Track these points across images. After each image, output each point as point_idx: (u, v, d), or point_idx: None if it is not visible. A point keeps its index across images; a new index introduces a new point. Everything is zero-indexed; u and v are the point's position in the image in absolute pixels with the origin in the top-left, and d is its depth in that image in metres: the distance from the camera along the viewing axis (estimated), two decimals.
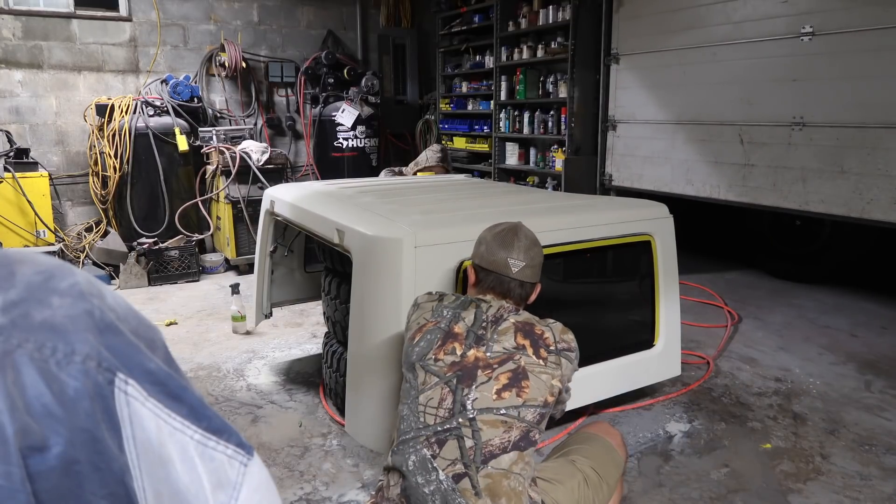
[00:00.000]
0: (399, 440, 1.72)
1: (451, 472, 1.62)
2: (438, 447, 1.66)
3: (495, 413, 1.66)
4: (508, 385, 1.69)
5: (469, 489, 1.59)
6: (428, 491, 1.61)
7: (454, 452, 1.64)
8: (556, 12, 5.85)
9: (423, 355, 1.79)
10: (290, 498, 2.39)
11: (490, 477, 1.61)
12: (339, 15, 7.37)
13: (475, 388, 1.70)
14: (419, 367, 1.78)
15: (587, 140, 5.81)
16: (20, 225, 5.18)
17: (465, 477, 1.61)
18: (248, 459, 0.53)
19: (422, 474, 1.64)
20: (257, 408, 3.13)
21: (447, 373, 1.74)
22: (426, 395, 1.73)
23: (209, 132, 6.01)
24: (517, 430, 1.66)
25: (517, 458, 1.64)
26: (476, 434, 1.65)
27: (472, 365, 1.73)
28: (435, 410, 1.71)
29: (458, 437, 1.65)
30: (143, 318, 0.53)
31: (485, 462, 1.62)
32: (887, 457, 2.63)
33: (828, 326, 4.11)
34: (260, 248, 3.54)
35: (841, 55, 3.94)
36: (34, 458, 0.41)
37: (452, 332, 1.80)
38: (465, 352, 1.76)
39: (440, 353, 1.77)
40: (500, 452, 1.63)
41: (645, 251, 2.88)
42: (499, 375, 1.70)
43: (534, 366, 1.72)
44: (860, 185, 3.93)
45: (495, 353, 1.74)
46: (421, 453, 1.66)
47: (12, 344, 0.43)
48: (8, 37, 5.74)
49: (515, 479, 1.62)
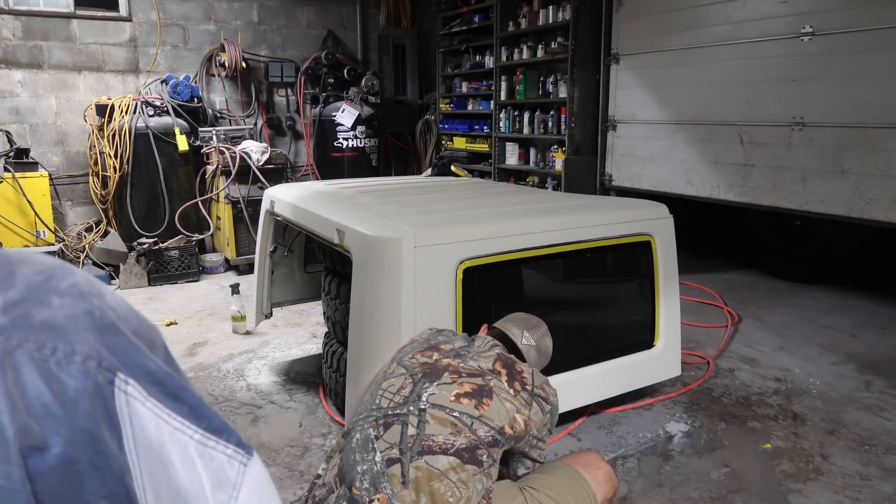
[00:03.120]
0: (349, 423, 1.74)
1: (387, 454, 1.60)
2: (384, 429, 1.64)
3: (448, 413, 1.63)
4: (470, 395, 1.66)
5: (397, 476, 1.56)
6: (360, 470, 1.59)
7: (395, 437, 1.62)
8: (556, 12, 5.85)
9: (403, 357, 1.84)
10: (290, 498, 2.39)
11: (420, 470, 1.56)
12: (339, 15, 7.37)
13: (436, 384, 1.70)
14: (396, 364, 1.82)
15: (587, 140, 5.81)
16: (20, 225, 5.18)
17: (398, 463, 1.58)
18: (247, 459, 0.53)
19: (360, 452, 1.63)
20: (257, 408, 3.13)
21: (416, 368, 1.76)
22: (388, 382, 1.76)
23: (209, 132, 6.01)
24: (464, 438, 1.60)
25: (456, 465, 1.57)
26: (421, 425, 1.63)
27: (441, 367, 1.75)
28: (392, 396, 1.71)
29: (403, 423, 1.64)
30: (143, 318, 0.53)
31: (420, 454, 1.58)
32: (887, 457, 2.63)
33: (828, 326, 4.11)
34: (260, 248, 3.54)
35: (841, 55, 3.94)
36: (34, 458, 0.41)
37: (437, 346, 1.85)
38: (441, 358, 1.79)
39: (418, 354, 1.82)
40: (440, 452, 1.58)
41: (645, 251, 2.88)
42: (463, 382, 1.69)
43: (502, 391, 1.70)
44: (860, 185, 3.93)
45: (469, 366, 1.75)
46: (366, 432, 1.66)
47: (12, 344, 0.43)
48: (8, 37, 5.74)
49: (447, 487, 1.54)
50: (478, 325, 2.41)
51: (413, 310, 2.24)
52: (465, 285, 2.33)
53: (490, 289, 2.53)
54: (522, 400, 1.72)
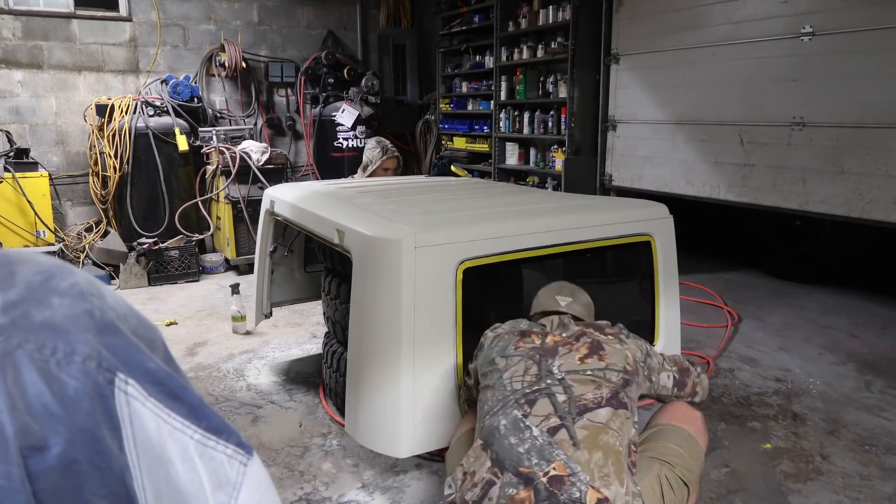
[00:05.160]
0: (484, 419, 1.76)
1: (545, 426, 1.64)
2: (529, 406, 1.70)
3: (582, 374, 1.76)
4: (589, 354, 1.82)
5: (566, 440, 1.60)
6: (523, 450, 1.61)
7: (546, 408, 1.68)
8: (556, 12, 5.85)
9: (503, 349, 1.93)
10: (290, 498, 2.39)
11: (587, 429, 1.62)
12: (339, 15, 7.37)
13: (558, 357, 1.82)
14: (499, 358, 1.91)
15: (587, 140, 5.81)
16: (20, 225, 5.18)
17: (562, 428, 1.63)
18: (247, 459, 0.53)
19: (514, 434, 1.65)
20: (257, 408, 3.13)
21: (529, 352, 1.87)
22: (510, 371, 1.83)
23: (209, 132, 6.01)
24: (607, 389, 1.72)
25: (612, 414, 1.66)
26: (568, 389, 1.71)
27: (552, 346, 1.87)
28: (521, 378, 1.79)
29: (548, 395, 1.71)
30: (143, 318, 0.53)
31: (580, 414, 1.65)
32: (887, 457, 2.63)
33: (828, 326, 4.11)
34: (260, 248, 3.54)
35: (841, 55, 3.94)
36: (34, 458, 0.41)
37: (529, 334, 1.96)
38: (543, 340, 1.91)
39: (519, 343, 1.92)
40: (595, 406, 1.67)
41: (645, 251, 2.87)
42: (578, 347, 1.84)
43: (604, 341, 1.87)
44: (860, 186, 3.93)
45: (570, 333, 1.92)
46: (511, 415, 1.69)
47: (12, 344, 0.43)
48: (8, 37, 5.74)
49: (613, 436, 1.62)
50: (478, 325, 2.42)
51: (413, 310, 2.24)
52: (466, 285, 2.33)
53: (490, 289, 2.53)
54: (620, 339, 1.90)
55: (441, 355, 2.32)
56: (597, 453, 1.58)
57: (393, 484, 2.48)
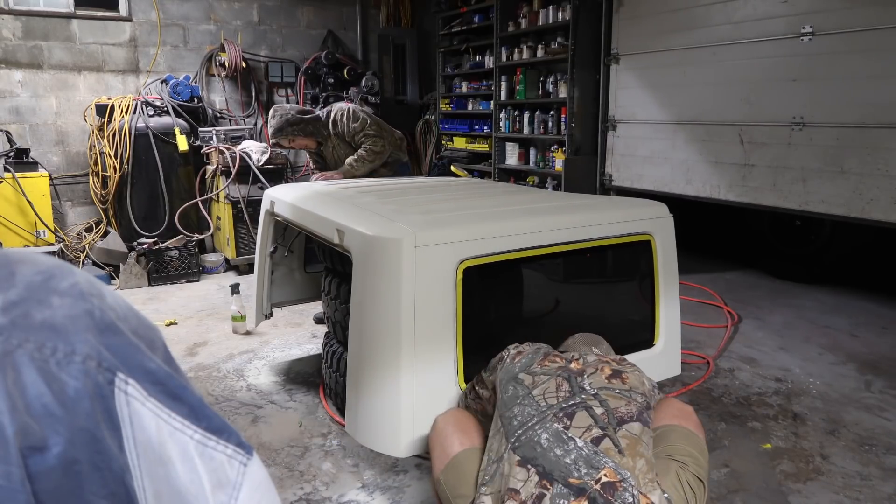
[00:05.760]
0: (517, 435, 1.75)
1: (587, 437, 1.67)
2: (568, 420, 1.73)
3: (612, 391, 1.81)
4: (612, 376, 1.88)
5: (612, 448, 1.65)
6: (570, 460, 1.63)
7: (586, 420, 1.72)
8: (556, 12, 5.85)
9: (527, 366, 1.95)
10: (290, 498, 2.39)
11: (627, 438, 1.68)
12: (339, 15, 7.37)
13: (587, 375, 1.87)
14: (524, 374, 1.92)
15: (587, 140, 5.81)
16: (20, 225, 5.18)
17: (605, 438, 1.67)
18: (247, 459, 0.53)
19: (559, 446, 1.67)
20: (257, 408, 3.13)
21: (557, 371, 1.90)
22: (540, 388, 1.85)
23: (209, 132, 6.01)
24: (634, 407, 1.77)
25: (642, 430, 1.72)
26: (604, 402, 1.77)
27: (578, 365, 1.93)
28: (554, 394, 1.82)
29: (585, 408, 1.75)
30: (143, 318, 0.53)
31: (619, 424, 1.71)
32: (887, 457, 2.63)
33: (828, 326, 4.11)
34: (260, 248, 3.54)
35: (841, 55, 3.94)
36: (34, 458, 0.41)
37: (549, 354, 2.01)
38: (570, 360, 1.96)
39: (545, 362, 1.96)
40: (629, 420, 1.73)
41: (645, 251, 2.87)
42: (603, 367, 1.91)
43: (621, 368, 1.93)
44: (860, 185, 3.93)
45: (589, 361, 1.96)
46: (552, 428, 1.71)
47: (12, 344, 0.43)
48: (8, 37, 5.74)
49: (645, 448, 1.68)
50: (478, 325, 2.42)
51: (413, 310, 2.24)
52: (466, 285, 2.33)
53: (490, 289, 2.53)
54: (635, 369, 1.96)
55: (441, 355, 2.32)
56: (640, 461, 1.63)
57: (393, 484, 2.48)
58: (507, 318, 2.67)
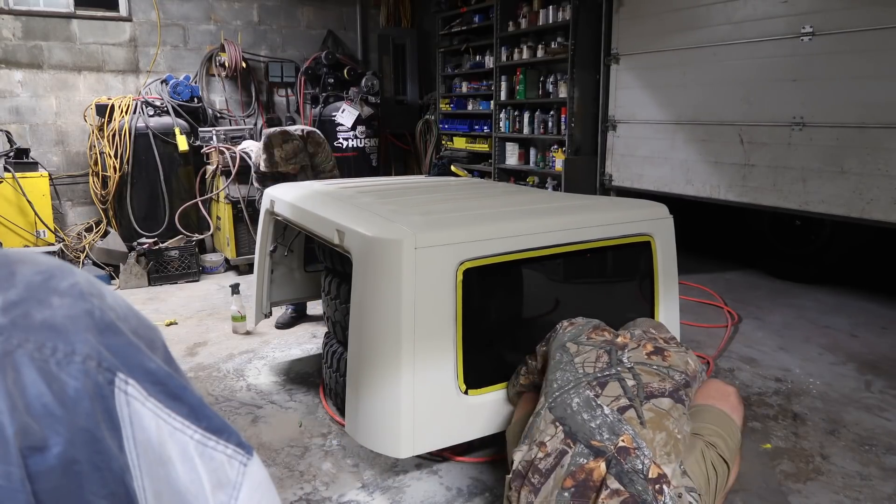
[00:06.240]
0: (555, 396, 1.95)
1: (615, 406, 1.84)
2: (600, 388, 1.91)
3: (649, 367, 1.96)
4: (654, 353, 2.02)
5: (634, 418, 1.80)
6: (595, 425, 1.81)
7: (616, 390, 1.89)
8: (556, 12, 5.85)
9: (575, 337, 2.14)
10: (290, 498, 2.39)
11: (652, 412, 1.82)
12: (339, 15, 7.37)
13: (627, 350, 2.03)
14: (571, 343, 2.12)
15: (587, 140, 5.81)
16: (20, 225, 5.18)
17: (630, 408, 1.83)
18: (247, 459, 0.53)
19: (587, 411, 1.85)
20: (257, 408, 3.13)
21: (600, 343, 2.08)
22: (582, 357, 2.04)
23: (209, 132, 6.01)
24: (669, 383, 1.91)
25: (672, 405, 1.85)
26: (637, 377, 1.92)
27: (622, 340, 2.10)
28: (593, 364, 2.00)
29: (618, 379, 1.92)
30: (143, 318, 0.53)
31: (647, 398, 1.85)
32: (887, 457, 2.63)
33: (828, 326, 4.11)
34: (260, 247, 3.54)
35: (841, 55, 3.94)
36: (34, 458, 0.41)
37: (599, 327, 2.19)
38: (615, 337, 2.12)
39: (592, 334, 2.14)
40: (660, 395, 1.86)
41: (645, 251, 2.87)
42: (645, 344, 2.06)
43: (667, 347, 2.07)
44: (860, 185, 3.93)
45: (637, 336, 2.12)
46: (584, 395, 1.90)
47: (12, 344, 0.43)
48: (8, 37, 5.74)
49: (673, 423, 1.80)
50: (478, 326, 2.42)
51: (413, 310, 2.24)
52: (466, 286, 2.33)
53: (490, 290, 2.53)
54: (682, 348, 2.10)
55: (441, 356, 2.32)
56: (660, 434, 1.76)
57: (393, 484, 2.48)
58: (507, 319, 2.67)
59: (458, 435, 2.44)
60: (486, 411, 2.46)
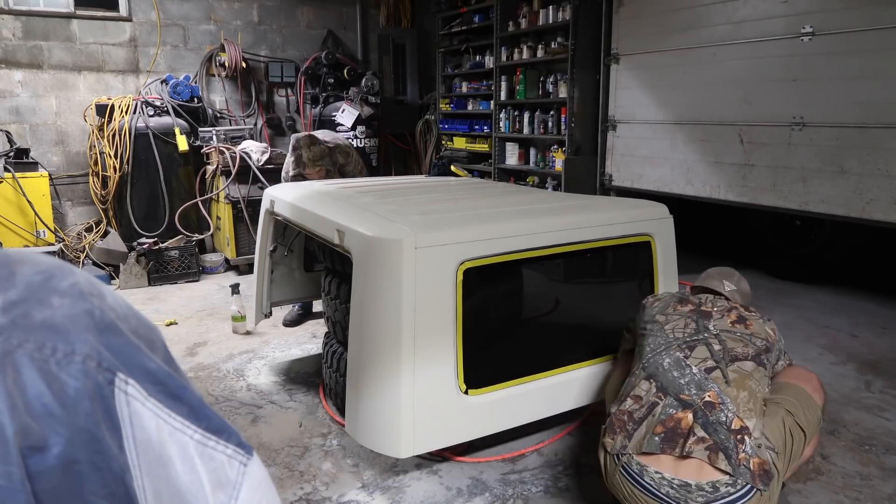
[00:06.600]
0: (647, 358, 2.19)
1: (702, 366, 2.06)
2: (689, 350, 2.13)
3: (733, 334, 2.17)
4: (737, 321, 2.22)
5: (720, 378, 2.02)
6: (684, 381, 2.04)
7: (704, 353, 2.10)
8: (556, 12, 5.85)
9: (663, 309, 2.35)
10: (290, 498, 2.39)
11: (736, 373, 2.04)
12: (339, 15, 7.37)
13: (713, 319, 2.23)
14: (659, 315, 2.32)
15: (587, 140, 5.81)
16: (20, 225, 5.18)
17: (717, 369, 2.04)
18: (247, 459, 0.53)
19: (677, 370, 2.08)
20: (257, 408, 3.13)
21: (687, 313, 2.28)
22: (671, 325, 2.25)
23: (209, 132, 6.01)
24: (752, 349, 2.12)
25: (755, 368, 2.07)
26: (723, 342, 2.13)
27: (707, 310, 2.29)
28: (682, 330, 2.22)
29: (706, 344, 2.14)
30: (143, 318, 0.53)
31: (732, 361, 2.07)
32: (887, 457, 2.63)
33: (828, 326, 4.11)
34: (260, 247, 3.54)
35: (841, 55, 3.94)
36: (34, 458, 0.41)
37: (684, 299, 2.38)
38: (700, 305, 2.31)
39: (677, 307, 2.33)
40: (743, 358, 2.08)
41: (645, 251, 2.88)
42: (728, 313, 2.26)
43: (749, 316, 2.25)
44: (860, 185, 3.93)
45: (720, 307, 2.30)
46: (674, 356, 2.13)
47: (12, 344, 0.43)
48: (8, 37, 5.74)
49: (755, 384, 2.03)
50: (478, 325, 2.42)
51: (413, 310, 2.24)
52: (466, 286, 2.33)
53: (490, 289, 2.53)
54: (763, 318, 2.28)
55: (441, 355, 2.32)
56: (743, 392, 1.97)
57: (393, 484, 2.48)
58: (507, 319, 2.67)
59: (458, 435, 2.44)
60: (486, 411, 2.46)
